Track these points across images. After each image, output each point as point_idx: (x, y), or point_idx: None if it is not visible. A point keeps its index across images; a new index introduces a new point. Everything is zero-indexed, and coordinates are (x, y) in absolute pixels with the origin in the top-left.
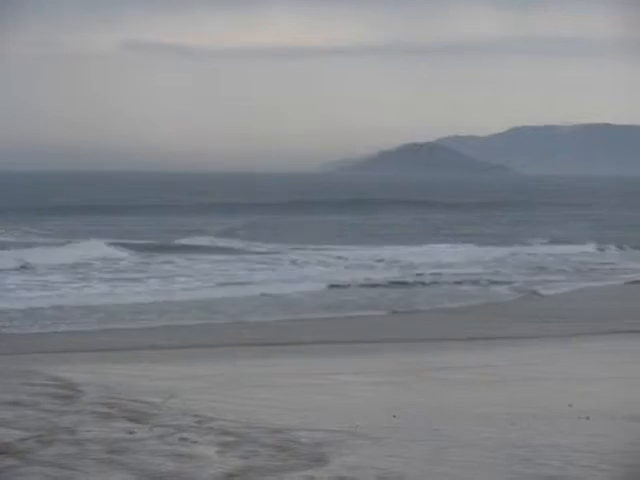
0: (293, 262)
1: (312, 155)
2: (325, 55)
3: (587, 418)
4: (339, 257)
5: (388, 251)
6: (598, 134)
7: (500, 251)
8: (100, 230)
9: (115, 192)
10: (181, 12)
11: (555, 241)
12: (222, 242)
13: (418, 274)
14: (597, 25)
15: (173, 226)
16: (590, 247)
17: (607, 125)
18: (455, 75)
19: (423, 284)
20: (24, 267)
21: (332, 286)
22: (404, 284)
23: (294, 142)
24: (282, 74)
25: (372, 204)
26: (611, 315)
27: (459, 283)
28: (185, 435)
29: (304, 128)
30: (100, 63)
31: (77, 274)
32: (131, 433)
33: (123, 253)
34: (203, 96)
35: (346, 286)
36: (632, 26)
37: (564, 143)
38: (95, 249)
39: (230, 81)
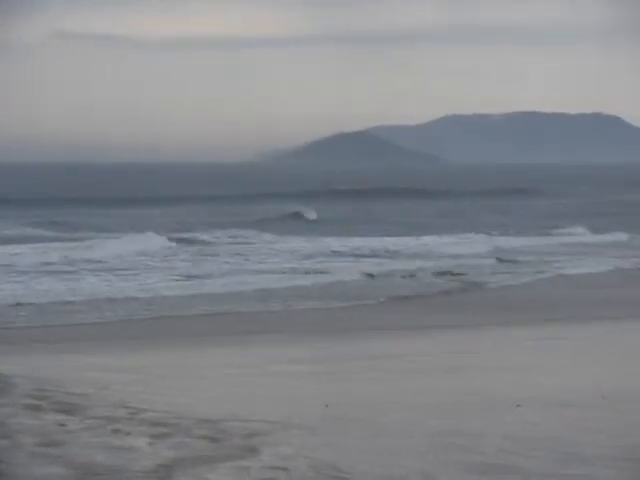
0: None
1: (243, 145)
2: (253, 45)
3: (518, 406)
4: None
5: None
6: (527, 122)
7: (535, 241)
8: (136, 223)
9: (84, 185)
10: (111, 2)
11: (594, 230)
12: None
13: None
14: (527, 13)
15: (202, 217)
16: (622, 236)
17: (538, 113)
18: (384, 64)
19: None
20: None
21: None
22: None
23: (223, 132)
24: (212, 64)
25: (360, 194)
26: (554, 304)
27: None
28: (117, 427)
29: (233, 118)
30: (30, 53)
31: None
32: (62, 425)
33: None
34: (131, 86)
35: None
36: (561, 14)
37: (495, 131)
38: (151, 241)
39: (159, 71)
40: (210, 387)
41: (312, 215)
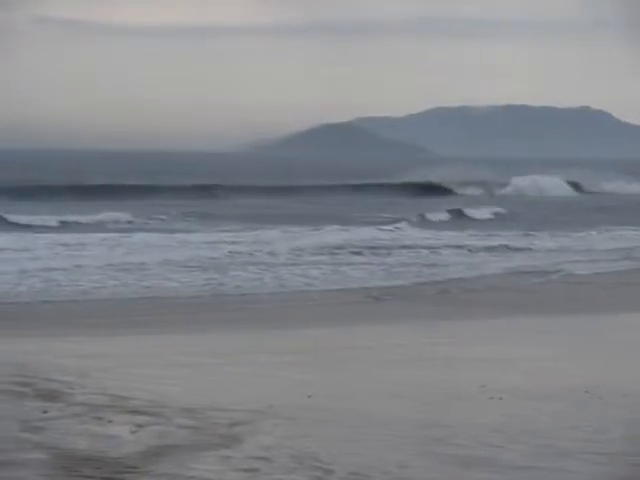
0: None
1: (225, 135)
2: (236, 34)
3: (500, 398)
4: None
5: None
6: (516, 115)
7: None
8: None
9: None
10: None
11: None
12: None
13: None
14: (513, 7)
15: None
16: None
17: (525, 106)
18: (368, 55)
19: None
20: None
21: None
22: None
23: (206, 121)
24: (193, 52)
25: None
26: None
27: None
28: (99, 414)
29: (215, 108)
30: (8, 40)
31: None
32: (45, 412)
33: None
34: (109, 73)
35: None
36: (548, 8)
37: (481, 124)
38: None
39: (140, 59)
40: (192, 375)
41: (477, 213)
